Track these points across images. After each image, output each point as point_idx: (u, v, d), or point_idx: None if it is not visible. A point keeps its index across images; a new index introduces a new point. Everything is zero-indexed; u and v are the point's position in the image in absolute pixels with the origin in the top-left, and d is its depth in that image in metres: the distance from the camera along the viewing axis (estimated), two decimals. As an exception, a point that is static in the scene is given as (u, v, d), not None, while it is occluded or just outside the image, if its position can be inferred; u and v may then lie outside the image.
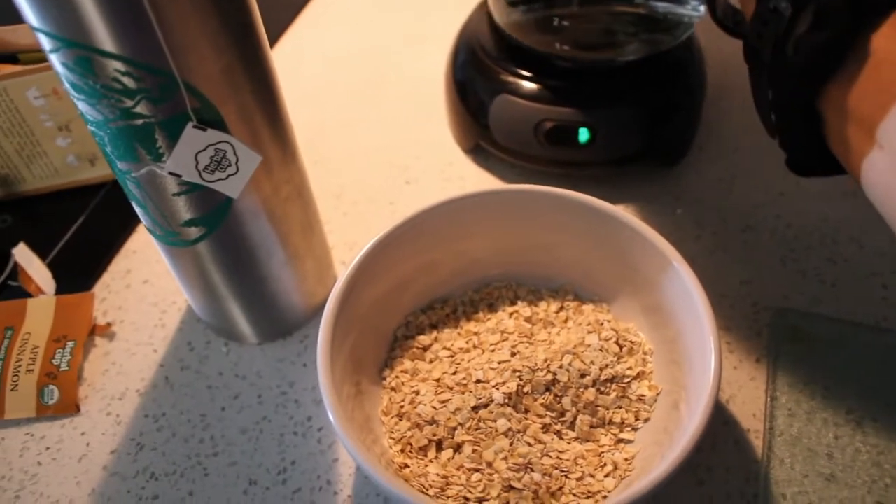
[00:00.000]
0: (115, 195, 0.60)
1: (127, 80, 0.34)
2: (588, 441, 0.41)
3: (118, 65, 0.33)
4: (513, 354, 0.43)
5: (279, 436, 0.46)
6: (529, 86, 0.54)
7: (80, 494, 0.44)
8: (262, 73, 0.39)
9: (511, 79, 0.54)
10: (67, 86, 0.35)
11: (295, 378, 0.48)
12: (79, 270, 0.56)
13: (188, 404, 0.48)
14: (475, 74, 0.57)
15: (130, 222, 0.59)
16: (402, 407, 0.42)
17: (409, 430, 0.41)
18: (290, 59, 0.73)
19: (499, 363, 0.42)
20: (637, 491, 0.34)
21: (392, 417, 0.42)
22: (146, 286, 0.54)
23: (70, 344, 0.50)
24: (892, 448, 0.42)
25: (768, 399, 0.44)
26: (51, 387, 0.48)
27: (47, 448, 0.47)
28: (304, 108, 0.66)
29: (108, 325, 0.52)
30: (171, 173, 0.38)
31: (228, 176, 0.39)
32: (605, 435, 0.41)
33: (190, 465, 0.45)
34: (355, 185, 0.60)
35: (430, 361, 0.45)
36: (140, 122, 0.36)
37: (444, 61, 0.62)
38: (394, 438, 0.41)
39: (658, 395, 0.42)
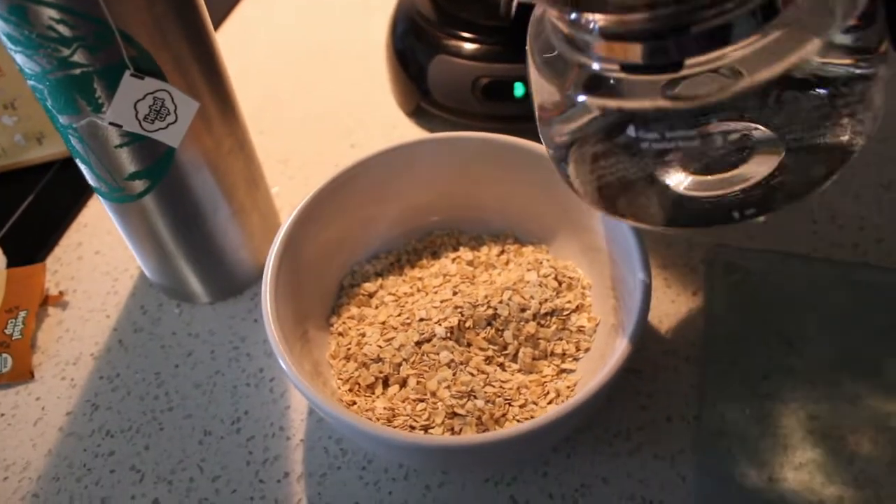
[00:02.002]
0: (64, 174, 0.61)
1: (62, 28, 0.35)
2: (531, 373, 0.43)
3: (52, 12, 0.34)
4: (454, 293, 0.44)
5: (232, 388, 0.47)
6: (466, 46, 0.55)
7: (36, 456, 0.45)
8: (195, 24, 0.40)
9: (448, 41, 0.56)
10: (3, 38, 0.36)
11: (246, 333, 0.49)
12: (29, 246, 0.56)
13: (142, 364, 0.49)
14: (414, 41, 0.59)
15: (80, 199, 0.59)
16: (349, 349, 0.43)
17: (356, 370, 0.42)
18: (236, 32, 0.75)
19: (441, 302, 0.44)
20: (571, 405, 0.35)
21: (340, 360, 0.43)
22: (98, 257, 0.55)
23: (22, 314, 0.51)
24: (824, 366, 0.43)
25: (706, 327, 0.46)
26: (3, 355, 0.49)
27: (2, 415, 0.47)
28: (250, 80, 0.67)
29: (61, 294, 0.53)
30: (111, 124, 0.39)
31: (168, 125, 0.40)
32: (548, 366, 0.43)
33: (145, 421, 0.46)
34: (301, 151, 0.61)
35: (376, 307, 0.46)
36: (78, 71, 0.36)
37: (384, 28, 0.63)
38: (342, 379, 0.43)
39: (597, 325, 0.44)
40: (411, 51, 0.59)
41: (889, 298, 0.46)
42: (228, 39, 0.73)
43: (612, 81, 0.33)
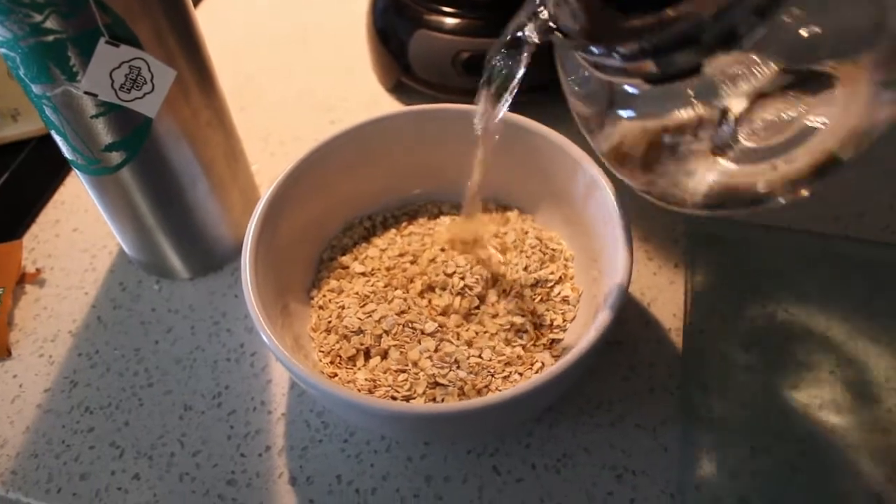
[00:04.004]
0: (40, 151, 0.60)
1: (33, -7, 0.34)
2: (516, 343, 0.42)
3: (23, -24, 0.34)
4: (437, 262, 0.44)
5: (213, 363, 0.46)
6: (446, 20, 0.55)
7: (14, 433, 0.44)
8: (172, -7, 0.39)
9: (429, 16, 0.56)
10: (-27, 4, 0.36)
11: (227, 309, 0.49)
12: (6, 224, 0.55)
13: (121, 340, 0.48)
14: (394, 16, 0.58)
15: (58, 177, 0.58)
16: (329, 322, 0.43)
17: (337, 342, 0.42)
18: (217, 9, 0.74)
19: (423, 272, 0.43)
20: (550, 374, 0.34)
21: (321, 333, 0.43)
22: (76, 234, 0.54)
23: (-1, 291, 0.50)
24: (804, 336, 0.44)
25: (687, 299, 0.46)
26: (-20, 333, 0.48)
27: (-21, 392, 0.47)
28: (230, 57, 0.67)
29: (38, 271, 0.52)
30: (86, 93, 0.38)
31: (145, 94, 0.39)
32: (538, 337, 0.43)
33: (125, 397, 0.45)
34: (281, 128, 0.60)
35: (354, 279, 0.46)
36: (51, 38, 0.36)
37: (364, 4, 0.63)
38: (323, 352, 0.42)
39: (580, 296, 0.44)
40: (392, 26, 0.59)
41: (869, 271, 0.46)
42: (208, 16, 0.73)
43: (639, 94, 0.34)
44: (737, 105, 0.33)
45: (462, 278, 0.43)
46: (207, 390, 0.45)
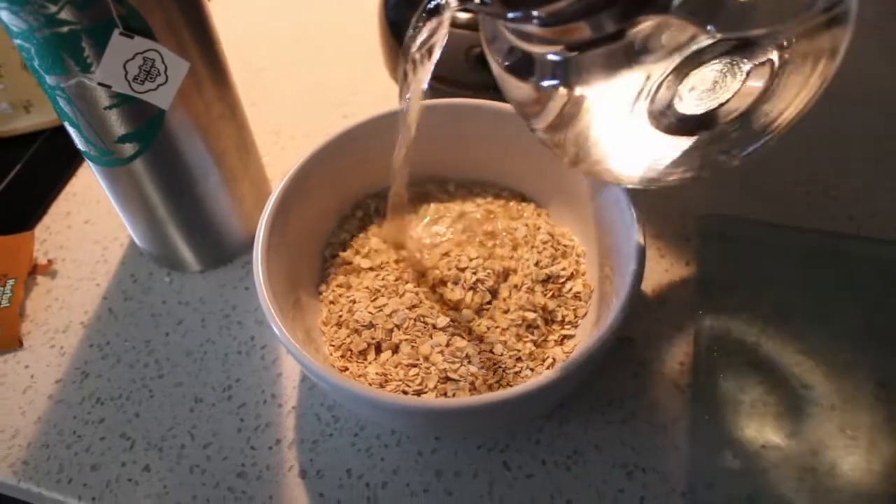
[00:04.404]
0: (53, 143, 0.61)
1: (49, -16, 0.34)
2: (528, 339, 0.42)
3: (39, -34, 0.34)
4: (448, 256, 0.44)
5: (223, 355, 0.46)
6: (458, 15, 0.55)
7: (25, 423, 0.45)
8: (186, -15, 0.39)
9: (442, 10, 0.55)
10: (-11, -6, 0.36)
11: (237, 301, 0.49)
12: (18, 215, 0.56)
13: (132, 332, 0.48)
14: (406, 10, 0.58)
15: (70, 168, 0.58)
16: (340, 316, 0.43)
17: (348, 336, 0.42)
18: (228, 2, 0.74)
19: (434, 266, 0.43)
20: (561, 370, 0.34)
21: (332, 327, 0.43)
22: (87, 225, 0.55)
23: (10, 282, 0.50)
24: (817, 337, 0.43)
25: (699, 298, 0.46)
26: (-8, 323, 0.48)
27: (-10, 382, 0.47)
28: (243, 52, 0.67)
29: (50, 262, 0.52)
30: (100, 84, 0.38)
31: (158, 86, 0.39)
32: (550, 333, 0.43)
33: (135, 389, 0.46)
34: (293, 123, 0.60)
35: (361, 273, 0.46)
36: (66, 29, 0.36)
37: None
38: (334, 346, 0.42)
39: (592, 292, 0.44)
40: (404, 19, 0.59)
41: (882, 270, 0.46)
42: (221, 9, 0.73)
43: (566, 62, 0.33)
44: (671, 73, 0.32)
45: (474, 273, 0.43)
46: (218, 383, 0.45)
